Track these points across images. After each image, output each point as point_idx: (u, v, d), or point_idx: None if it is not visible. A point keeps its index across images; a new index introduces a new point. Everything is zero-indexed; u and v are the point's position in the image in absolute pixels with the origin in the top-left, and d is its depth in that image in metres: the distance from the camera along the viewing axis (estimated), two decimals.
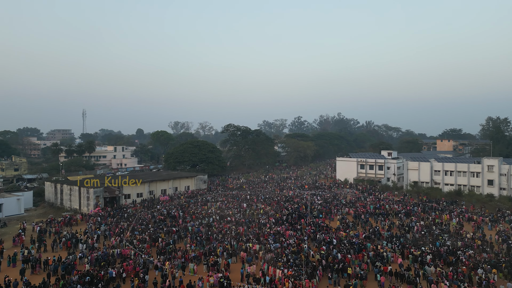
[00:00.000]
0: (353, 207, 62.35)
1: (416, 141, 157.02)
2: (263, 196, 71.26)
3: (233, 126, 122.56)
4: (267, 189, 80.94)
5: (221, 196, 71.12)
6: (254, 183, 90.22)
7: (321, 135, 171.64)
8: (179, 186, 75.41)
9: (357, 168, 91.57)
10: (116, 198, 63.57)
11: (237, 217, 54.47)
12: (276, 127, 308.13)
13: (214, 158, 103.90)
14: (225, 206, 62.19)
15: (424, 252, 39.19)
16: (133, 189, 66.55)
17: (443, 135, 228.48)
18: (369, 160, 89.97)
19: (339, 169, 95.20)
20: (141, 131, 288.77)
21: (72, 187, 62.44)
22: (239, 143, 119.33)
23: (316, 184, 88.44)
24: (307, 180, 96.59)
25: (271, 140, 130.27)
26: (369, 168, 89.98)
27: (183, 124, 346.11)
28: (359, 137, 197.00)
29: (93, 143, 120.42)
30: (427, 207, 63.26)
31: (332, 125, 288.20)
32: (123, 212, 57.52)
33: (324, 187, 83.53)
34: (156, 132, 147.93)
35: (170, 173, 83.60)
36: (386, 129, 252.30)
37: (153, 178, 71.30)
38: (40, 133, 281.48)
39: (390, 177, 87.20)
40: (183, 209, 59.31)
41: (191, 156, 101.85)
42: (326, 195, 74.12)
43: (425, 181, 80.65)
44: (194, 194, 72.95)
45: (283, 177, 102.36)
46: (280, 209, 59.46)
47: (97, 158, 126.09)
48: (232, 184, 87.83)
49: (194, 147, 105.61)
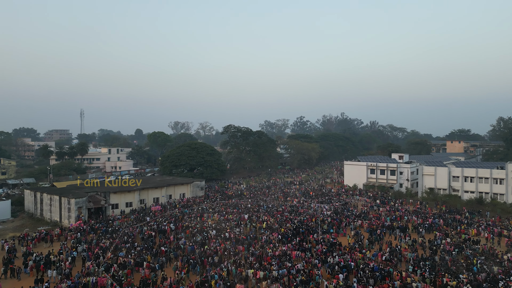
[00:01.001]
0: (366, 219, 55.76)
1: (424, 143, 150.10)
2: (266, 205, 64.71)
3: (234, 127, 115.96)
4: (269, 196, 74.32)
5: (219, 206, 64.54)
6: (256, 189, 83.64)
7: (325, 136, 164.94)
8: (173, 193, 68.85)
9: (367, 173, 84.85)
10: (102, 209, 57.05)
11: (236, 232, 47.92)
12: (278, 127, 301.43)
13: (213, 161, 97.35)
14: (223, 218, 55.62)
15: (461, 283, 32.49)
16: (122, 197, 60.01)
17: (451, 136, 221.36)
18: (380, 164, 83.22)
19: (347, 174, 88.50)
20: (140, 131, 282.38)
21: (52, 196, 55.91)
22: (240, 145, 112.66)
23: (323, 190, 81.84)
24: (312, 186, 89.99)
25: (273, 141, 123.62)
26: (380, 173, 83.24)
27: (183, 124, 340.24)
28: (364, 138, 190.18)
29: (86, 145, 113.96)
30: (449, 219, 56.57)
31: (335, 125, 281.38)
32: (109, 225, 50.99)
33: (331, 194, 76.85)
34: (153, 133, 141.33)
35: (165, 178, 77.00)
36: (391, 130, 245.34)
37: (144, 186, 64.68)
38: (36, 134, 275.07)
39: (403, 183, 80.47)
40: (176, 222, 52.75)
41: (188, 159, 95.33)
42: (335, 203, 67.55)
43: (443, 187, 73.96)
44: (189, 203, 66.39)
45: (286, 182, 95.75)
46: (285, 222, 52.90)
47: (90, 161, 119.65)
48: (232, 190, 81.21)
49: (192, 149, 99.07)
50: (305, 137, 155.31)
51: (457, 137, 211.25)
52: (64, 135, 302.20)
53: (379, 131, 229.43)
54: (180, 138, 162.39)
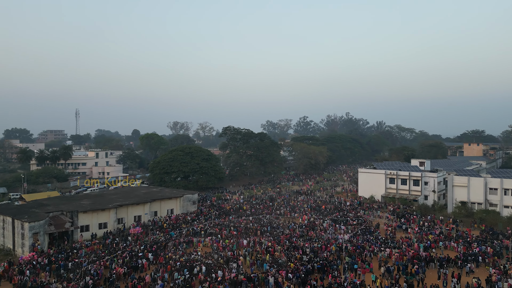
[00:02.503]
0: (396, 245, 44.77)
1: (440, 145, 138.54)
2: (269, 224, 53.77)
3: (233, 129, 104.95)
4: (273, 211, 63.23)
5: (213, 225, 53.53)
6: (258, 201, 72.60)
7: (331, 138, 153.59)
8: (159, 209, 57.91)
9: (386, 183, 73.72)
10: (67, 233, 46.17)
11: (233, 268, 37.02)
12: (281, 127, 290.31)
13: (209, 167, 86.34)
14: (217, 245, 44.68)
15: None
16: (94, 217, 49.10)
17: (465, 137, 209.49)
18: (401, 173, 72.05)
19: (362, 183, 77.37)
20: (137, 132, 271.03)
21: (5, 218, 45.06)
22: (240, 149, 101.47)
23: (335, 203, 70.83)
24: (322, 196, 78.96)
25: (276, 145, 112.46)
26: (401, 183, 72.09)
27: (182, 125, 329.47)
28: (373, 139, 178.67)
29: (70, 149, 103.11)
30: (496, 245, 45.43)
31: (340, 126, 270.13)
32: (70, 257, 40.09)
33: (346, 208, 65.73)
34: (146, 135, 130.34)
35: (150, 190, 65.78)
36: (399, 130, 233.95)
37: (123, 201, 53.68)
38: (29, 135, 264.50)
39: (429, 194, 69.33)
40: (157, 251, 41.85)
41: (181, 165, 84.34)
42: (352, 221, 56.53)
43: (477, 201, 62.82)
44: (178, 222, 55.42)
45: (292, 191, 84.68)
46: (293, 252, 41.98)
47: (75, 166, 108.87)
48: (230, 203, 70.06)
49: (186, 154, 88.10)
50: (310, 138, 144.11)
51: (471, 139, 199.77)
52: (58, 135, 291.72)
53: (388, 132, 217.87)
54: (176, 140, 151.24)
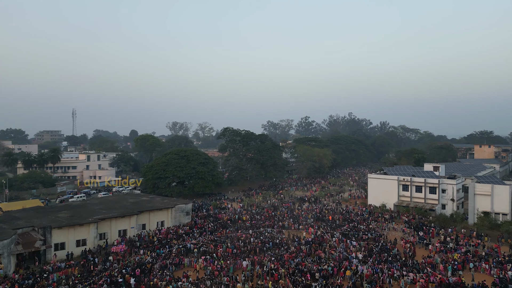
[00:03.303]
0: (418, 268, 38.52)
1: (449, 147, 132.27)
2: (271, 239, 47.54)
3: (232, 130, 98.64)
4: (276, 223, 56.91)
5: (208, 241, 47.25)
6: (258, 210, 66.33)
7: (335, 139, 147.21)
8: (148, 222, 51.65)
9: (399, 190, 67.41)
10: (39, 253, 39.93)
11: None
12: (282, 128, 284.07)
13: (206, 172, 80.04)
14: (212, 267, 38.44)
15: None
16: (71, 234, 42.87)
17: (471, 138, 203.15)
18: (416, 179, 65.71)
19: (372, 190, 71.05)
20: (135, 132, 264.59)
21: None
22: (239, 152, 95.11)
23: (343, 212, 64.59)
24: (328, 203, 72.70)
25: (278, 147, 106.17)
26: (416, 190, 65.76)
27: (182, 125, 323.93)
28: (378, 140, 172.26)
29: (58, 151, 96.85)
30: None
31: (342, 126, 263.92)
32: (39, 283, 33.89)
33: (356, 219, 59.40)
34: (141, 136, 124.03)
35: (139, 199, 59.33)
36: (403, 131, 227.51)
37: (106, 215, 47.38)
38: (24, 135, 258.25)
39: (447, 203, 63.00)
40: (140, 276, 35.63)
41: (176, 170, 78.10)
42: (363, 234, 50.27)
43: (502, 212, 56.57)
44: (169, 236, 49.16)
45: (296, 198, 78.43)
46: (301, 276, 35.74)
47: (64, 170, 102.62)
48: (228, 213, 63.72)
49: (181, 158, 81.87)
50: (313, 140, 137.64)
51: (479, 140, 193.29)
52: (55, 136, 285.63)
53: (392, 132, 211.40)
54: (173, 142, 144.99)
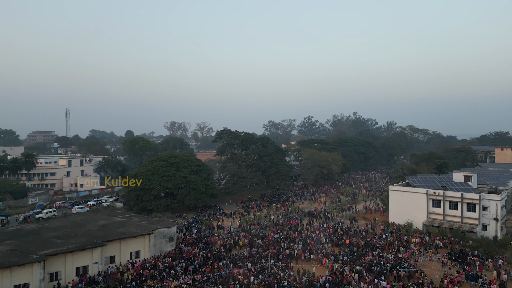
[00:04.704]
0: None
1: (468, 150, 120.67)
2: (277, 281, 36.33)
3: (229, 133, 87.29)
4: (282, 251, 45.66)
5: (193, 283, 36.01)
6: (260, 229, 55.06)
7: (343, 141, 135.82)
8: (118, 253, 40.37)
9: (428, 206, 56.08)
10: None
11: None
12: (284, 128, 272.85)
13: (199, 182, 68.77)
14: None
15: None
16: (6, 278, 31.68)
17: (485, 139, 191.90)
18: (450, 193, 54.33)
19: (394, 205, 59.73)
20: (130, 133, 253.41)
21: None
22: (238, 159, 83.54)
23: (362, 233, 53.44)
24: (342, 220, 61.45)
25: (282, 151, 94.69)
26: (450, 207, 54.45)
27: (180, 125, 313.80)
28: (387, 142, 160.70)
29: (32, 156, 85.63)
30: None
31: (347, 126, 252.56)
32: None
33: (380, 245, 48.11)
34: (130, 139, 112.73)
35: (110, 221, 47.60)
36: (412, 131, 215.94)
37: (59, 248, 36.04)
38: (15, 136, 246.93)
39: (488, 223, 51.72)
40: None
41: (163, 180, 66.86)
42: (398, 272, 39.00)
43: None
44: (144, 274, 37.89)
45: (303, 212, 67.17)
46: None
47: (42, 177, 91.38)
48: (222, 236, 52.20)
49: (170, 165, 70.70)
50: (319, 142, 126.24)
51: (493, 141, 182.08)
52: (48, 137, 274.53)
53: (401, 133, 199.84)
54: (167, 144, 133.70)
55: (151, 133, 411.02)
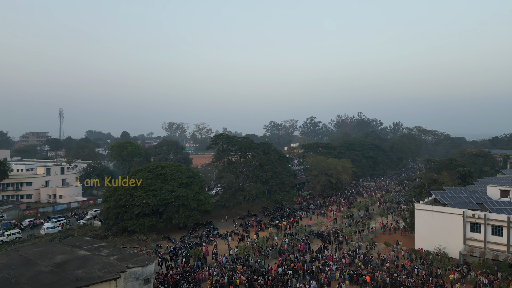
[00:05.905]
0: None
1: (487, 155, 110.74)
2: None
3: (225, 138, 77.47)
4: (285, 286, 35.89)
5: None
6: (260, 261, 45.23)
7: (350, 144, 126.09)
8: None
9: (465, 230, 46.24)
10: None
11: None
12: (285, 129, 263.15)
13: (189, 197, 58.94)
14: None
15: None
16: None
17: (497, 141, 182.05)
18: (493, 216, 44.47)
19: (421, 227, 49.82)
20: (126, 134, 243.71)
21: None
22: (236, 168, 73.66)
23: (384, 266, 43.69)
24: (358, 244, 51.61)
25: (285, 158, 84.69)
26: (493, 232, 44.62)
27: (178, 126, 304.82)
28: (396, 145, 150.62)
29: (4, 164, 75.88)
30: None
31: (351, 127, 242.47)
32: None
33: (411, 283, 38.33)
34: (117, 144, 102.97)
35: (72, 257, 37.52)
36: (419, 132, 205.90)
37: None
38: (6, 137, 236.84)
39: None
40: None
41: (147, 195, 57.05)
42: None
43: None
44: None
45: (312, 232, 57.27)
46: None
47: (17, 187, 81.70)
48: (214, 270, 42.23)
49: (156, 177, 60.97)
50: (324, 146, 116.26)
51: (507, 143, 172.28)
52: (41, 138, 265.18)
53: (410, 135, 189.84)
54: (161, 148, 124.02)
55: (150, 133, 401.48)
